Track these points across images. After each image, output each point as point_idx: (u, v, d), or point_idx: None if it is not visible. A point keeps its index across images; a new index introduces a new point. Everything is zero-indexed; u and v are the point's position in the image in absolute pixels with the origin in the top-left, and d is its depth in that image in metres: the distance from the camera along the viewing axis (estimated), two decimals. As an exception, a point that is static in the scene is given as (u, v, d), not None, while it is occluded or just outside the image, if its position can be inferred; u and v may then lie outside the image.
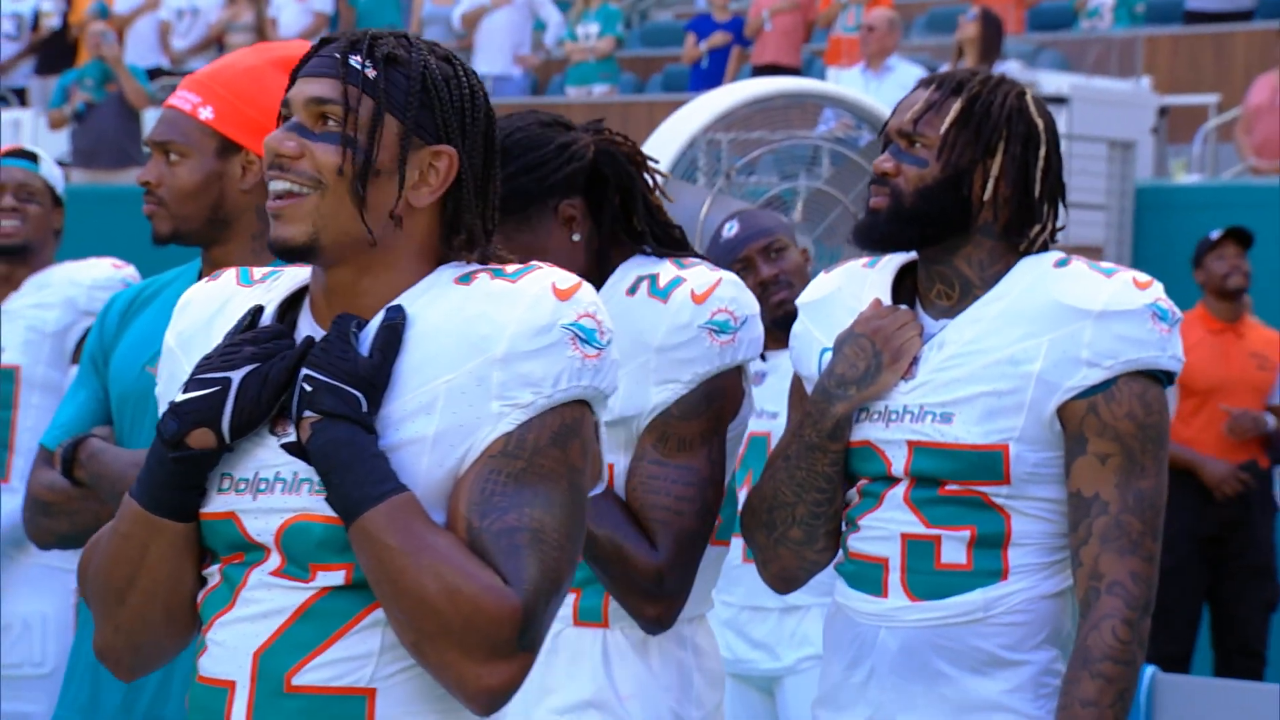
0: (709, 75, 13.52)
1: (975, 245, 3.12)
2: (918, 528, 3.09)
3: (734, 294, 3.11)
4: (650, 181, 3.21)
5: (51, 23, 16.18)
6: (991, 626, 3.07)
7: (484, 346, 2.25)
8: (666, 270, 3.11)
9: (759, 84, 6.83)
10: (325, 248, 2.29)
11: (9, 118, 14.09)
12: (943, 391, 3.07)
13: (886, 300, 3.16)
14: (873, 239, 3.13)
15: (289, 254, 2.29)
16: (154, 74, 14.50)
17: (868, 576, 3.13)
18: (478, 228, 2.34)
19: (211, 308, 2.41)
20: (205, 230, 3.41)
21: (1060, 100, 10.95)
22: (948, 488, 3.07)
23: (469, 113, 2.33)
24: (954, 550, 3.07)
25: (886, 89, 11.52)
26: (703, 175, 6.35)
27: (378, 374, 2.24)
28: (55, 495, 3.40)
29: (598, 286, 3.14)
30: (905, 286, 3.20)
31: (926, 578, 3.09)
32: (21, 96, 15.78)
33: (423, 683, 2.25)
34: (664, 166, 6.30)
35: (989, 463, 3.05)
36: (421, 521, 2.21)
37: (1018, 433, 3.04)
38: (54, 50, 15.81)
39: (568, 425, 2.27)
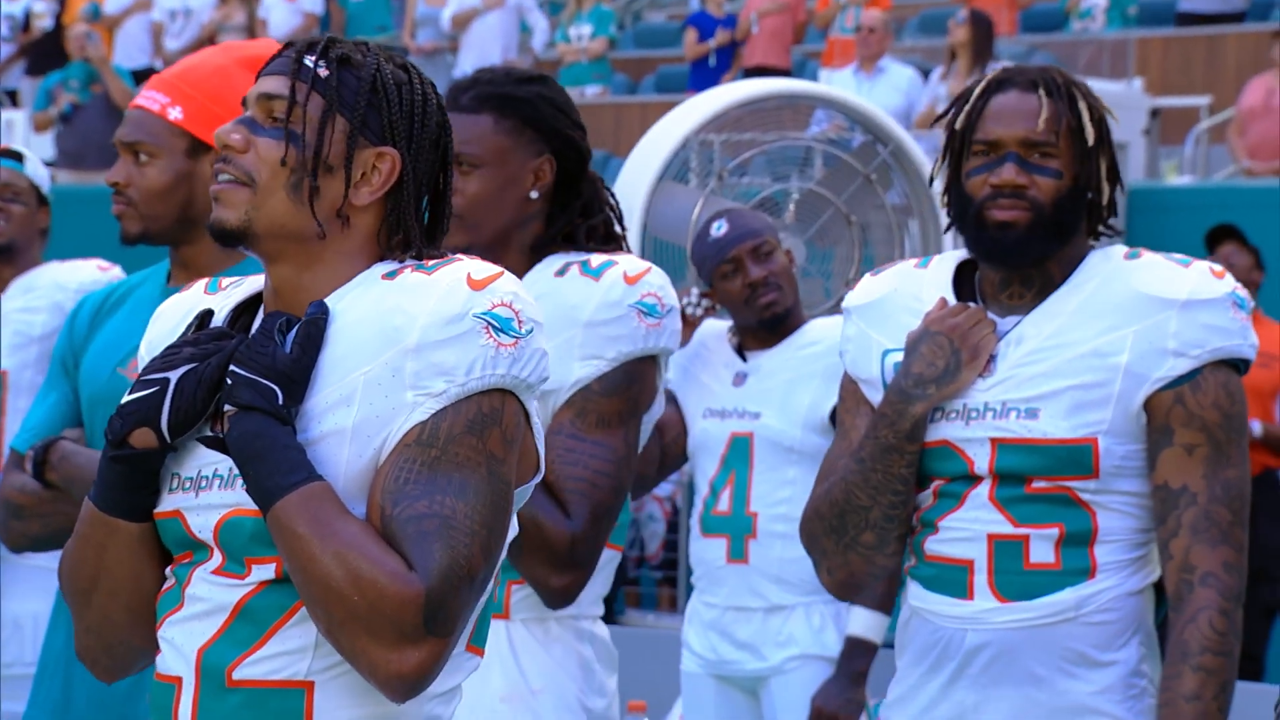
0: (715, 73, 13.49)
1: (1072, 245, 3.11)
2: (1005, 527, 3.06)
3: (663, 283, 3.21)
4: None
5: (44, 24, 16.16)
6: (1082, 626, 3.06)
7: (397, 337, 2.28)
8: (597, 256, 3.22)
9: (751, 85, 6.82)
10: (258, 235, 2.35)
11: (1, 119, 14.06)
12: (1026, 387, 3.05)
13: (950, 299, 3.13)
14: (1012, 252, 3.07)
15: (222, 237, 2.35)
16: (146, 74, 14.48)
17: (950, 579, 3.09)
18: (415, 230, 2.38)
19: (179, 316, 2.47)
20: (174, 230, 3.41)
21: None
22: (1035, 485, 3.05)
23: (418, 118, 2.38)
24: (1042, 549, 3.05)
25: (879, 90, 11.52)
26: (695, 176, 6.34)
27: (295, 368, 2.28)
28: (27, 498, 3.40)
29: (520, 262, 3.25)
30: (962, 284, 3.17)
31: (1016, 578, 3.06)
32: (13, 98, 15.75)
33: (359, 676, 2.28)
34: (656, 167, 6.31)
35: (1078, 457, 3.03)
36: (332, 510, 2.24)
37: (1106, 425, 3.03)
38: (46, 51, 15.78)
39: (485, 414, 2.29)
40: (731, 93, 6.60)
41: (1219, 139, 12.13)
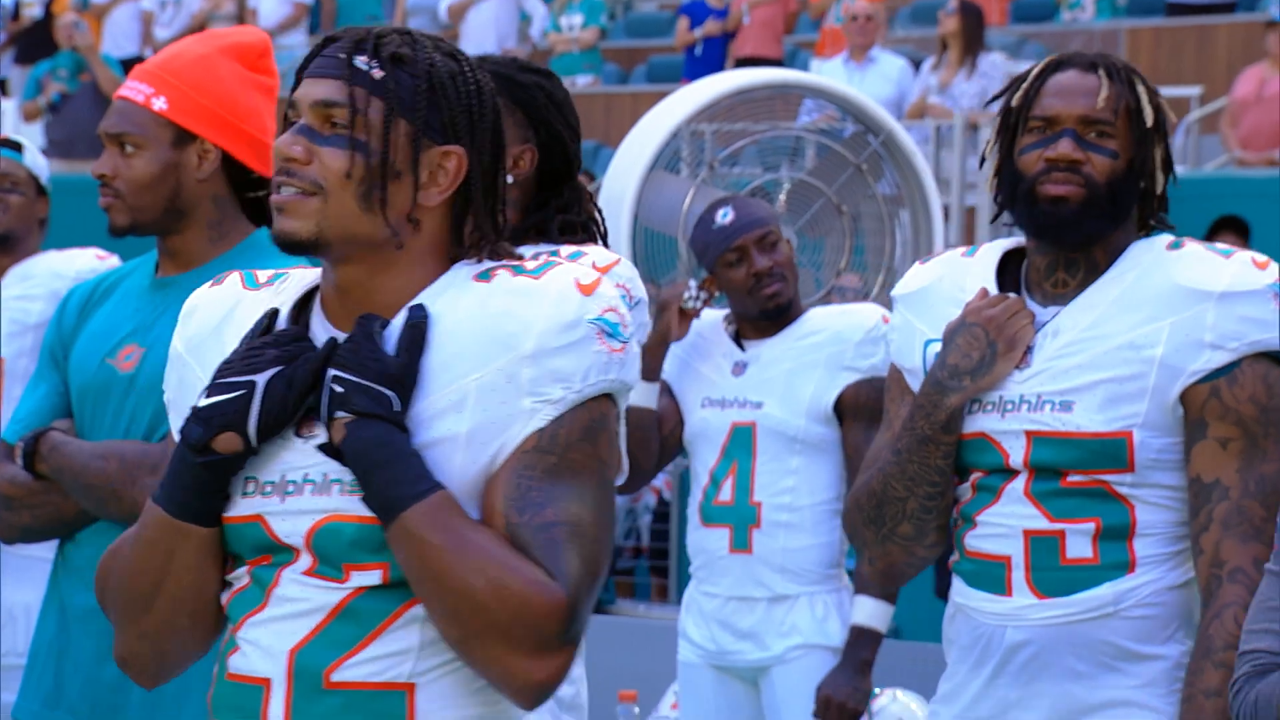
0: (704, 62, 13.48)
1: (1121, 231, 3.08)
2: (1041, 522, 3.04)
3: (631, 274, 3.18)
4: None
5: (33, 12, 16.13)
6: (1122, 620, 3.03)
7: (512, 344, 2.25)
8: (565, 248, 3.17)
9: (743, 75, 6.81)
10: (330, 244, 2.29)
11: (-9, 108, 14.05)
12: (1061, 379, 3.03)
13: (993, 289, 3.11)
14: (1063, 226, 3.03)
15: (293, 248, 2.29)
16: (135, 63, 14.44)
17: (989, 575, 3.08)
18: (487, 225, 2.34)
19: (219, 312, 2.40)
20: (162, 221, 3.41)
21: (1043, 92, 10.91)
22: (1070, 479, 3.03)
23: (476, 110, 2.33)
24: (1079, 544, 3.03)
25: (869, 80, 11.52)
26: (686, 166, 6.34)
27: (405, 373, 2.24)
28: (17, 489, 3.39)
29: None
30: (1008, 273, 3.15)
31: (1053, 574, 3.04)
32: (3, 87, 15.72)
33: (461, 676, 2.27)
34: (647, 157, 6.30)
35: (1112, 450, 3.01)
36: (461, 519, 2.22)
37: (1141, 419, 3.00)
38: (35, 40, 15.75)
39: (595, 420, 2.28)
40: (723, 82, 6.59)
41: (1210, 129, 12.13)
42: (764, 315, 4.79)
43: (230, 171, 3.45)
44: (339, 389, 2.24)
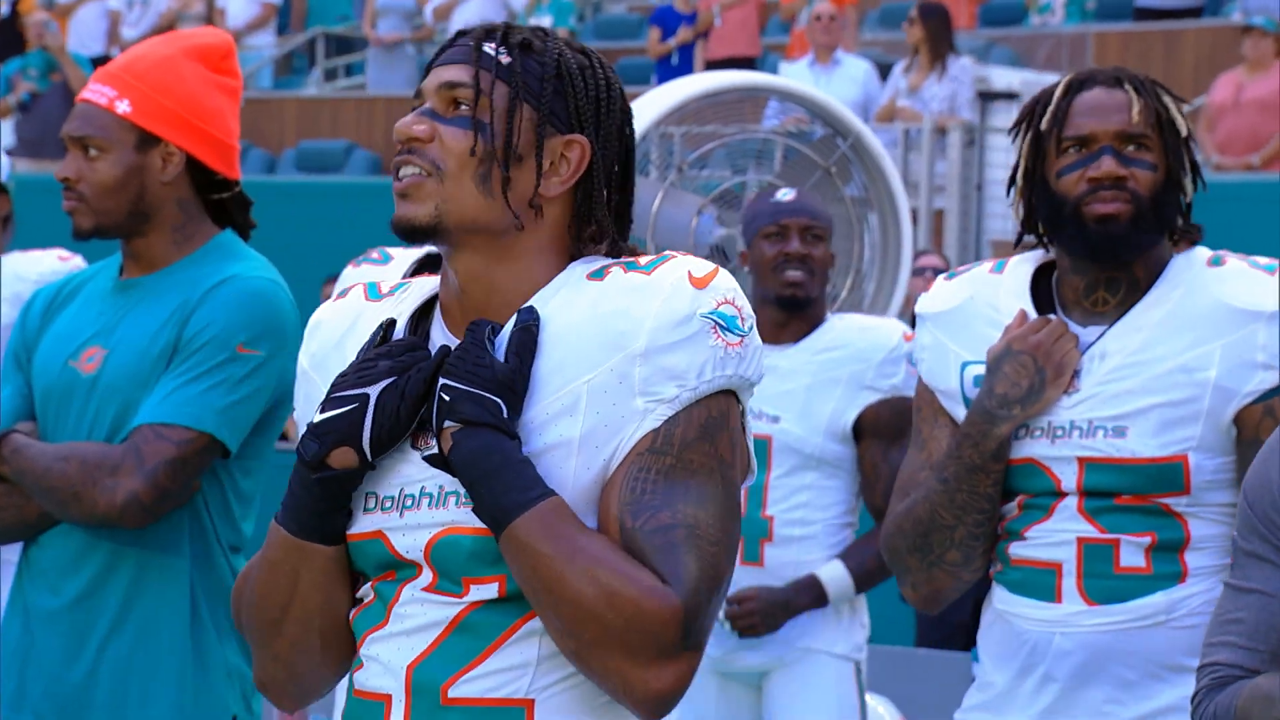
0: (678, 69, 13.48)
1: (1158, 246, 3.07)
2: (1095, 534, 3.02)
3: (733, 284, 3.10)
4: None
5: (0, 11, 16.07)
6: (1173, 630, 3.02)
7: (623, 343, 2.19)
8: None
9: (712, 78, 6.81)
10: (449, 229, 2.24)
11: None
12: (1113, 404, 3.01)
13: (1030, 311, 3.08)
14: (1116, 244, 3.01)
15: (411, 234, 2.24)
16: (104, 62, 14.41)
17: (1038, 583, 3.06)
18: (608, 220, 2.29)
19: (342, 326, 2.35)
20: (127, 224, 3.40)
21: (1011, 96, 10.96)
22: (1123, 498, 3.01)
23: (603, 103, 2.29)
24: (1133, 554, 3.02)
25: (835, 83, 11.53)
26: (655, 169, 6.34)
27: (515, 378, 2.18)
28: (-23, 492, 3.37)
29: None
30: (1039, 291, 3.12)
31: (1105, 582, 3.02)
32: (-31, 85, 15.67)
33: (582, 691, 2.21)
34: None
35: (1168, 475, 3.00)
36: (573, 526, 2.15)
37: (1196, 441, 2.99)
38: (2, 39, 15.70)
39: (714, 418, 2.20)
40: (691, 85, 6.60)
41: (1177, 133, 12.14)
42: (780, 302, 4.69)
43: (194, 174, 3.44)
44: (447, 398, 2.18)
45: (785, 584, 4.65)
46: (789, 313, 4.71)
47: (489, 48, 2.26)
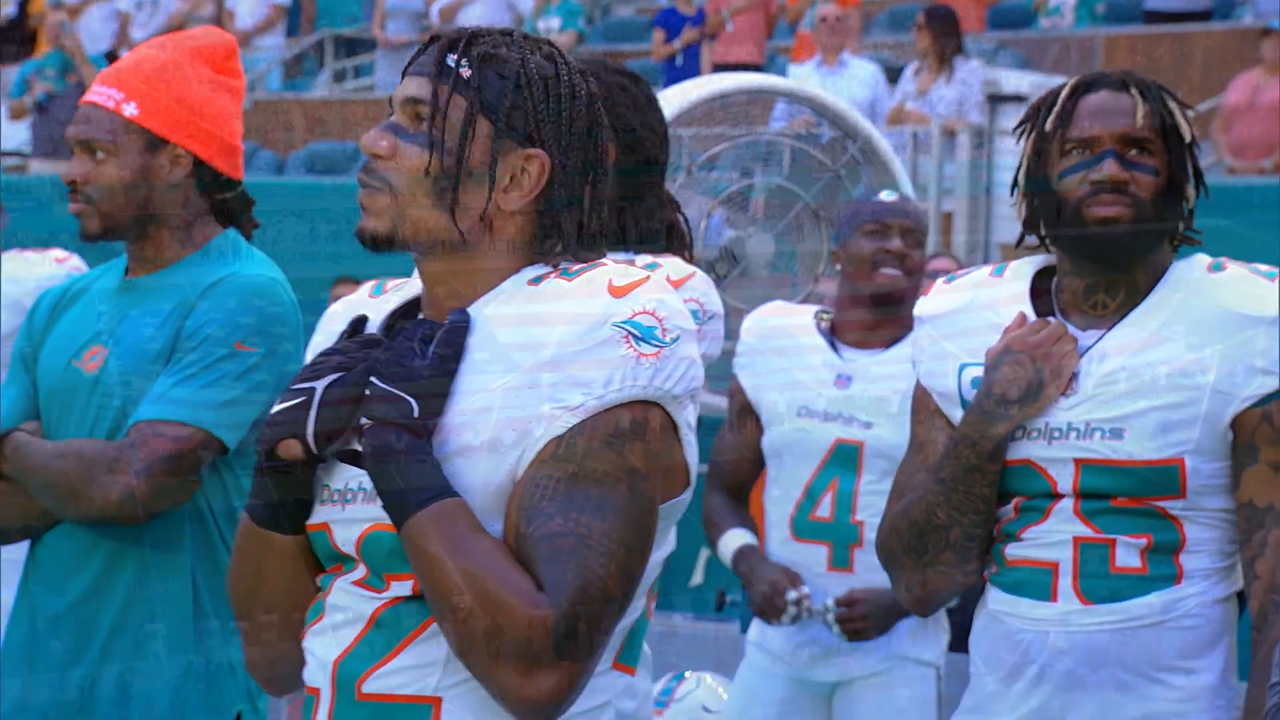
0: (684, 71, 13.48)
1: (1159, 250, 3.07)
2: (1091, 534, 3.02)
3: (706, 287, 3.13)
4: None
5: (8, 11, 16.09)
6: (1169, 631, 3.02)
7: (535, 348, 2.20)
8: (642, 257, 3.12)
9: (720, 80, 6.82)
10: (406, 241, 2.28)
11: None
12: (1110, 407, 3.01)
13: (1030, 313, 3.09)
14: (1115, 247, 3.02)
15: (373, 244, 2.29)
16: (112, 61, 14.41)
17: (1034, 582, 3.06)
18: (571, 232, 2.30)
19: (345, 321, 2.39)
20: (134, 226, 3.40)
21: (1020, 99, 10.95)
22: (1119, 500, 3.01)
23: (565, 115, 2.29)
24: (1128, 555, 3.01)
25: (841, 85, 11.52)
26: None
27: (433, 379, 2.20)
28: (-19, 492, 3.38)
29: None
30: (1039, 295, 3.12)
31: (1101, 581, 3.02)
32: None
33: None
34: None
35: (1165, 478, 2.99)
36: (465, 528, 2.17)
37: (1193, 445, 2.99)
38: (11, 40, 15.72)
39: (626, 428, 2.19)
40: (700, 87, 6.60)
41: (1186, 137, 12.11)
42: (874, 300, 4.62)
43: (199, 175, 3.44)
44: (368, 394, 2.22)
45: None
46: (880, 313, 4.65)
47: (451, 60, 2.28)
